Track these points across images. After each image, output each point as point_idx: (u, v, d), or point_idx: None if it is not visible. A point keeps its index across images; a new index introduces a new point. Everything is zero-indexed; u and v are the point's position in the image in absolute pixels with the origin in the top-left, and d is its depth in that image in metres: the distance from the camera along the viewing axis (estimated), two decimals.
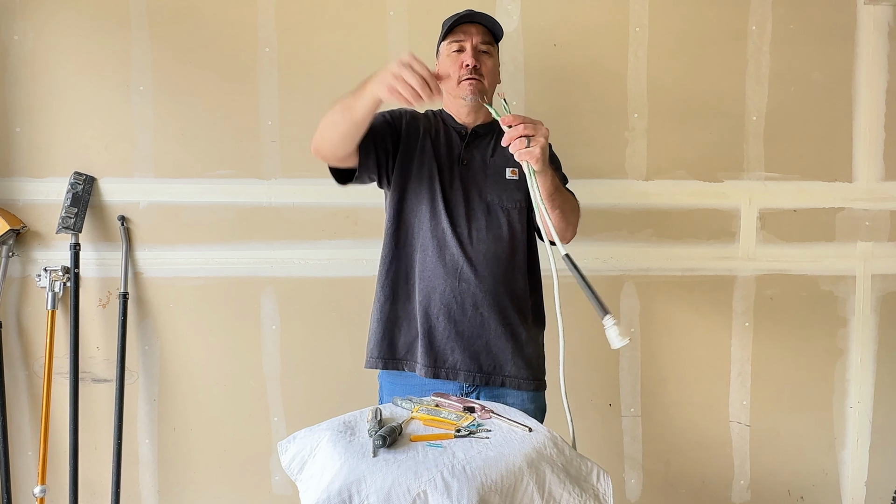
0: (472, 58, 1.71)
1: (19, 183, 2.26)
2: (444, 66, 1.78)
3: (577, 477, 1.33)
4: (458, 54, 1.74)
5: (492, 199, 1.75)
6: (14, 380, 2.29)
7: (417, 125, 1.79)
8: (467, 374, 1.73)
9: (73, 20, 2.23)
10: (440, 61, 1.81)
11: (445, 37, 1.77)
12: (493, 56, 1.78)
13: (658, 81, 2.34)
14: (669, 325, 2.40)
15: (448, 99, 1.81)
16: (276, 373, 2.34)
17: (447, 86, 1.76)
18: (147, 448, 2.34)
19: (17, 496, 2.29)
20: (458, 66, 1.73)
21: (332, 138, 1.59)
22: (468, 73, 1.71)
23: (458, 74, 1.72)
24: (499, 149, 1.78)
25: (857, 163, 2.38)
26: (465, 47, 1.73)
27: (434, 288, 1.71)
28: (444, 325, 1.71)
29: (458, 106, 1.79)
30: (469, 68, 1.71)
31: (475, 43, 1.73)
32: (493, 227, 1.74)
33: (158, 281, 2.30)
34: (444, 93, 1.79)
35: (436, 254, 1.72)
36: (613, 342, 1.32)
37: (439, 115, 1.85)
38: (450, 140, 1.79)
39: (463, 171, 1.76)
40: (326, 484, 1.21)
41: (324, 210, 2.31)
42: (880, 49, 2.35)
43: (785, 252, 2.39)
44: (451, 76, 1.73)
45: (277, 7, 2.27)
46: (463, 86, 1.72)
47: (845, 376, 2.43)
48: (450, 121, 1.82)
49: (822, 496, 2.46)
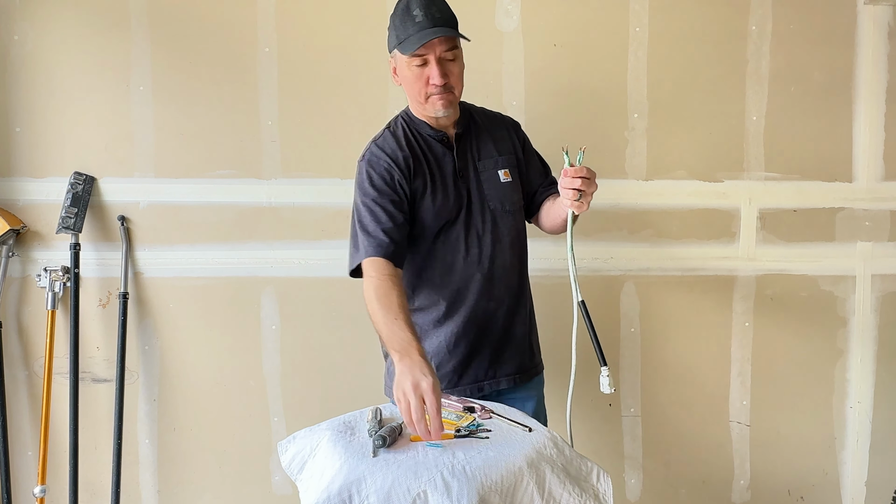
0: (441, 76, 1.57)
1: (19, 183, 2.26)
2: (405, 77, 1.63)
3: (577, 477, 1.33)
4: (422, 69, 1.59)
5: (495, 207, 1.72)
6: (14, 380, 2.29)
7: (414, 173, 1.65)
8: (507, 378, 1.76)
9: (72, 20, 2.23)
10: (399, 69, 1.65)
11: (399, 47, 1.59)
12: (459, 58, 1.63)
13: (658, 81, 2.34)
14: (669, 325, 2.40)
15: (415, 105, 1.70)
16: (276, 373, 2.34)
17: (412, 95, 1.66)
18: (147, 448, 2.34)
19: (17, 496, 2.29)
20: (424, 82, 1.60)
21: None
22: (437, 90, 1.59)
23: (426, 91, 1.60)
24: (482, 148, 1.75)
25: (857, 163, 2.38)
26: (429, 60, 1.58)
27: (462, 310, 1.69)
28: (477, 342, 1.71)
29: (426, 114, 1.68)
30: (438, 86, 1.59)
31: (439, 54, 1.58)
32: (504, 234, 1.73)
33: (158, 281, 2.30)
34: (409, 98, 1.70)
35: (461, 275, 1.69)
36: (603, 388, 1.55)
37: (410, 124, 1.71)
38: (436, 156, 1.69)
39: (460, 185, 1.69)
40: (326, 484, 1.21)
41: (324, 210, 2.31)
42: (880, 49, 2.35)
43: (785, 252, 2.39)
44: (415, 90, 1.62)
45: (277, 7, 2.27)
46: (433, 101, 1.62)
47: (845, 376, 2.43)
48: (424, 129, 1.70)
49: (822, 496, 2.46)
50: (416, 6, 1.57)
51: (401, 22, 1.59)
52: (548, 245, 2.28)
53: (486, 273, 1.70)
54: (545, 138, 2.13)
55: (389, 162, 1.64)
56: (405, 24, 1.58)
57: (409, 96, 1.69)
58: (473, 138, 1.75)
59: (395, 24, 1.62)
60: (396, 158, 1.64)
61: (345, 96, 2.29)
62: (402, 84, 1.67)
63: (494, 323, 1.73)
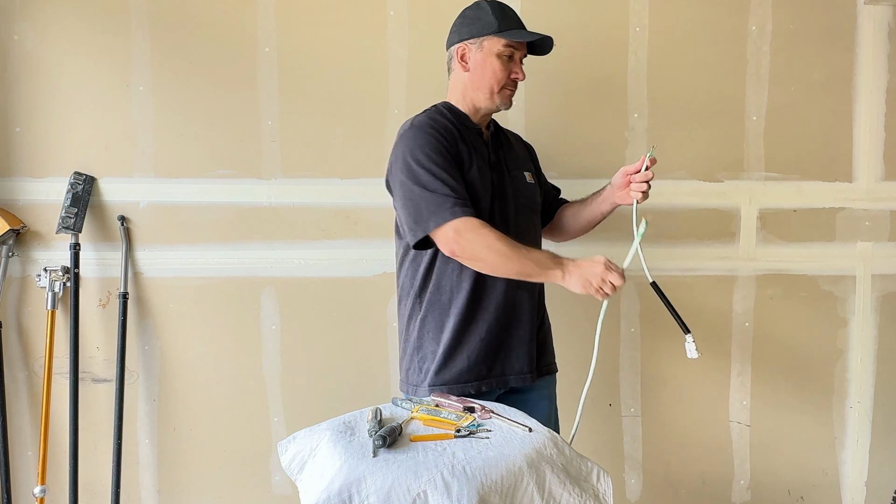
0: (522, 73, 1.74)
1: (19, 183, 2.26)
2: (485, 63, 1.71)
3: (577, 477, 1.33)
4: (509, 61, 1.72)
5: (523, 203, 1.79)
6: (14, 380, 2.29)
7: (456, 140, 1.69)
8: (530, 375, 1.77)
9: (73, 20, 2.23)
10: (478, 55, 1.71)
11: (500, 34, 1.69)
12: None
13: (658, 81, 2.34)
14: (669, 325, 2.38)
15: (472, 95, 1.74)
16: (276, 373, 2.34)
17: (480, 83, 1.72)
18: (147, 448, 2.34)
19: (17, 496, 2.29)
20: (507, 73, 1.71)
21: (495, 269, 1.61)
22: (513, 85, 1.74)
23: (504, 82, 1.72)
24: (508, 152, 1.83)
25: (857, 163, 2.38)
26: (516, 57, 1.73)
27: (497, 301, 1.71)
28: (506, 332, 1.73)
29: (483, 107, 1.74)
30: (514, 82, 1.74)
31: (524, 54, 1.76)
32: (530, 229, 1.81)
33: (158, 281, 2.30)
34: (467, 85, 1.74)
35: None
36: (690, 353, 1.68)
37: (449, 114, 1.74)
38: (475, 144, 1.73)
39: (495, 176, 1.74)
40: (326, 484, 1.21)
41: (324, 210, 2.31)
42: (880, 49, 2.35)
43: (785, 252, 2.39)
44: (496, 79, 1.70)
45: (277, 7, 2.27)
46: (504, 94, 1.73)
47: (845, 376, 2.43)
48: (464, 119, 1.75)
49: (822, 496, 2.46)
50: (510, 9, 1.75)
51: (501, 15, 1.71)
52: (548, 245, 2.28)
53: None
54: (545, 138, 2.14)
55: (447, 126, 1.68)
56: (506, 19, 1.71)
57: (477, 84, 1.73)
58: (502, 142, 1.84)
59: (489, 15, 1.71)
60: (448, 128, 1.69)
61: (345, 96, 2.29)
62: (475, 71, 1.72)
63: (523, 314, 1.75)
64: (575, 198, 2.01)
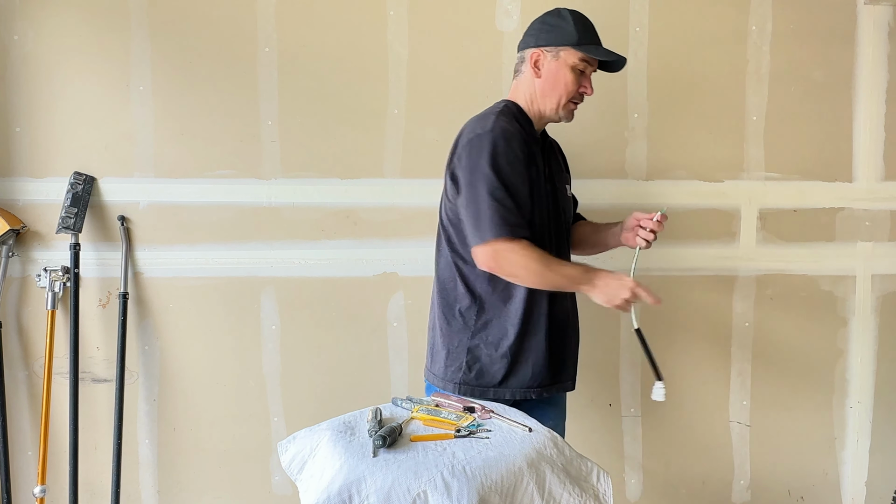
0: (591, 88, 1.73)
1: (19, 183, 2.26)
2: (558, 74, 1.70)
3: (577, 477, 1.33)
4: (581, 75, 1.72)
5: (567, 220, 1.84)
6: (14, 380, 2.29)
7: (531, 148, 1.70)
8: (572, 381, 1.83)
9: (72, 20, 2.23)
10: (552, 65, 1.71)
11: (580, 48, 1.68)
12: None
13: (658, 81, 2.34)
14: (669, 325, 2.40)
15: (540, 102, 1.74)
16: (276, 373, 2.34)
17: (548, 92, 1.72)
18: (147, 448, 2.34)
19: (17, 496, 2.29)
20: (577, 87, 1.71)
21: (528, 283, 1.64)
22: (580, 100, 1.74)
23: (573, 96, 1.72)
24: (553, 162, 1.84)
25: (857, 163, 2.38)
26: (588, 72, 1.73)
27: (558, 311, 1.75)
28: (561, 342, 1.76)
29: (547, 116, 1.75)
30: (582, 97, 1.74)
31: (594, 69, 1.76)
32: (567, 241, 1.85)
33: (158, 281, 2.30)
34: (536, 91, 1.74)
35: None
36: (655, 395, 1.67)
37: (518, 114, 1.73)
38: (535, 154, 1.72)
39: (549, 189, 1.76)
40: (326, 484, 1.21)
41: (324, 210, 2.31)
42: (880, 49, 2.35)
43: (785, 252, 2.39)
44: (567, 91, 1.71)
45: (277, 7, 2.27)
46: (569, 108, 1.74)
47: (845, 376, 2.43)
48: (529, 127, 1.73)
49: (822, 496, 2.46)
50: (588, 21, 1.73)
51: (582, 28, 1.70)
52: None
53: None
54: None
55: (524, 142, 1.66)
56: (586, 30, 1.70)
57: (546, 92, 1.72)
58: (549, 151, 1.84)
59: (570, 26, 1.69)
60: (525, 138, 1.67)
61: (345, 96, 2.29)
62: (547, 78, 1.71)
63: (570, 324, 1.81)
64: (578, 199, 2.02)
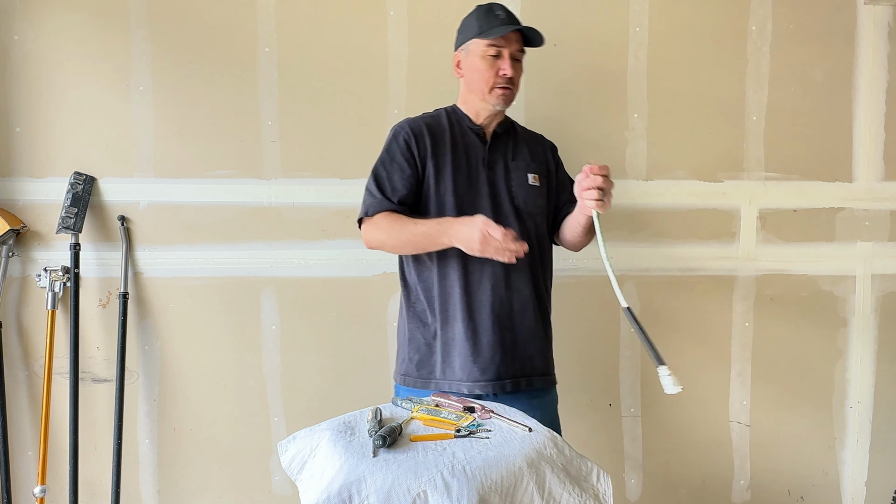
0: (511, 68, 1.71)
1: (19, 183, 2.26)
2: (474, 65, 1.73)
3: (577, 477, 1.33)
4: (495, 59, 1.71)
5: (520, 204, 1.77)
6: (14, 380, 2.29)
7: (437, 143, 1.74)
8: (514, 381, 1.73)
9: (73, 20, 2.23)
10: (468, 58, 1.75)
11: (483, 35, 1.70)
12: (522, 63, 1.78)
13: (658, 81, 2.34)
14: (669, 325, 2.40)
15: (470, 98, 1.79)
16: (276, 373, 2.34)
17: (474, 86, 1.75)
18: (147, 448, 2.34)
19: (17, 496, 2.29)
20: (494, 72, 1.71)
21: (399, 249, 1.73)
22: (504, 82, 1.71)
23: (493, 81, 1.71)
24: (517, 152, 1.82)
25: (857, 163, 2.38)
26: (504, 54, 1.71)
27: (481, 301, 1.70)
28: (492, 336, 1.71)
29: (481, 108, 1.78)
30: (505, 78, 1.71)
31: (513, 51, 1.72)
32: (523, 232, 1.74)
33: (158, 281, 2.30)
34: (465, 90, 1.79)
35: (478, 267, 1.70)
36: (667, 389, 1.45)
37: (451, 113, 1.81)
38: (468, 143, 1.77)
39: (489, 174, 1.76)
40: (326, 484, 1.21)
41: (324, 210, 2.31)
42: (880, 49, 2.35)
43: (785, 252, 2.39)
44: (483, 79, 1.72)
45: (277, 7, 2.27)
46: (496, 94, 1.72)
47: (845, 376, 2.43)
48: (465, 121, 1.79)
49: (822, 496, 2.46)
50: (499, 8, 1.75)
51: (484, 17, 1.73)
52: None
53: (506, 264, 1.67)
54: None
55: (409, 133, 1.74)
56: (489, 19, 1.73)
57: (471, 87, 1.77)
58: (511, 141, 1.83)
59: (474, 20, 1.75)
60: (418, 129, 1.75)
61: (345, 96, 2.29)
62: (467, 75, 1.77)
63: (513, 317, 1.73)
64: None
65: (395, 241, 1.68)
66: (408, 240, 1.65)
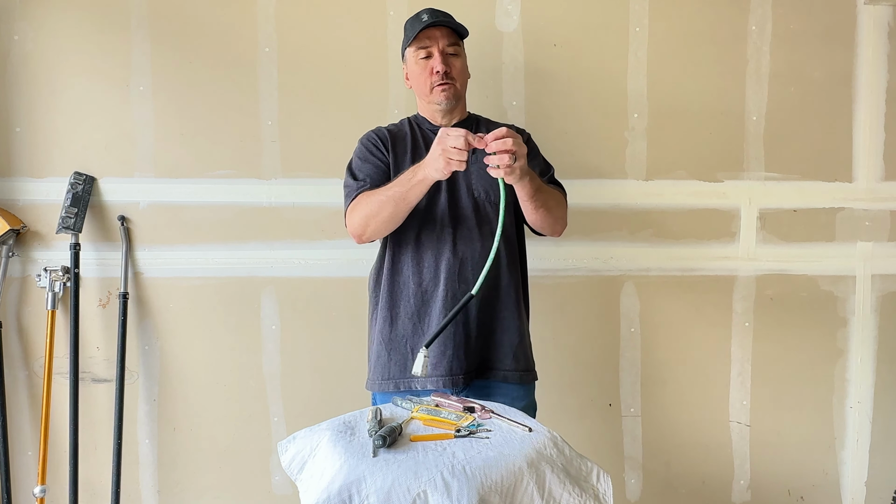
0: (442, 63, 1.74)
1: (19, 183, 2.26)
2: (413, 72, 1.81)
3: (577, 477, 1.33)
4: (427, 61, 1.77)
5: (479, 195, 1.76)
6: (14, 380, 2.29)
7: (396, 144, 1.80)
8: (467, 375, 1.72)
9: (73, 20, 2.23)
10: (408, 67, 1.83)
11: (411, 42, 1.78)
12: (461, 55, 1.81)
13: (658, 81, 2.34)
14: (669, 325, 2.40)
15: (421, 104, 1.85)
16: (276, 373, 2.34)
17: (419, 91, 1.81)
18: (147, 448, 2.34)
19: (17, 496, 2.29)
20: (429, 72, 1.76)
21: (384, 225, 1.67)
22: (440, 79, 1.75)
23: (430, 81, 1.76)
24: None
25: (857, 163, 2.38)
26: (433, 53, 1.76)
27: (433, 295, 1.72)
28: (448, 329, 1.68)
29: (433, 110, 1.82)
30: (440, 74, 1.74)
31: (442, 47, 1.76)
32: (484, 223, 1.75)
33: (158, 281, 2.30)
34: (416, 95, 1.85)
35: (433, 260, 1.73)
36: (415, 369, 1.48)
37: (413, 120, 1.88)
38: (429, 142, 1.74)
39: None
40: (326, 484, 1.21)
41: (324, 210, 2.31)
42: (880, 49, 2.35)
43: (785, 252, 2.39)
44: (422, 82, 1.78)
45: (277, 7, 2.27)
46: (436, 93, 1.76)
47: (845, 376, 2.43)
48: (425, 124, 1.85)
49: (822, 496, 2.46)
50: (425, 13, 1.79)
51: (411, 25, 1.80)
52: (548, 245, 2.28)
53: (461, 256, 1.72)
54: (545, 138, 2.13)
55: (374, 136, 1.82)
56: (414, 25, 1.78)
57: (417, 93, 1.84)
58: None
59: (407, 30, 1.83)
60: (381, 134, 1.82)
61: (345, 96, 2.29)
62: (412, 83, 1.84)
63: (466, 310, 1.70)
64: (578, 199, 2.02)
65: (375, 209, 1.64)
66: (386, 199, 1.63)
